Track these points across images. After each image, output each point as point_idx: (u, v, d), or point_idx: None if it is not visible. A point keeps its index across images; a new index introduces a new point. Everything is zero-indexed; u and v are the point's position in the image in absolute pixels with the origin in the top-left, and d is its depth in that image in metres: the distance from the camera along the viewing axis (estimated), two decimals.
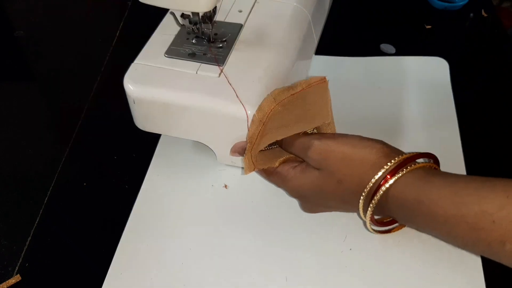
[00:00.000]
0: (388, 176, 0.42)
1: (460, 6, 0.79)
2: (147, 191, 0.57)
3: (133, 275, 0.50)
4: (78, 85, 0.72)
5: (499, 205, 0.37)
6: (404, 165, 0.42)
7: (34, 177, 0.60)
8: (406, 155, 0.43)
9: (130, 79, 0.55)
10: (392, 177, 0.42)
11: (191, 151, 0.61)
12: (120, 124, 0.64)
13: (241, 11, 0.62)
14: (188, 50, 0.57)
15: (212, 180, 0.58)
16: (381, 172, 0.43)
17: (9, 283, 0.50)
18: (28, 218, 0.56)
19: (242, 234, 0.53)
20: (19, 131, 0.66)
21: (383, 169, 0.43)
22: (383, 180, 0.42)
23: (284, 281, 0.49)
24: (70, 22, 0.83)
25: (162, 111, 0.55)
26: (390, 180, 0.42)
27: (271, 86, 0.54)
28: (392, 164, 0.42)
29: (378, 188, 0.43)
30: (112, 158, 0.61)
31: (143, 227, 0.54)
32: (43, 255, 0.53)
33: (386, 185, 0.42)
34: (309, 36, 0.65)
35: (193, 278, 0.50)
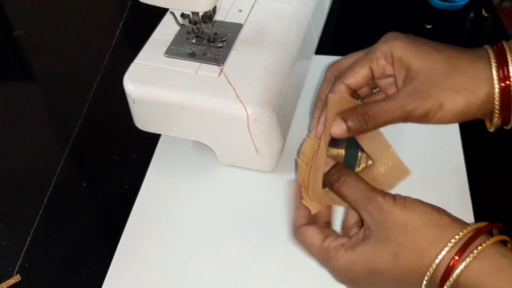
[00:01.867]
0: (456, 257, 0.35)
1: (461, 6, 0.79)
2: (147, 191, 0.57)
3: (133, 275, 0.50)
4: (78, 85, 0.72)
5: None
6: (473, 240, 0.35)
7: (34, 177, 0.60)
8: (473, 227, 0.36)
9: (130, 79, 0.55)
10: (461, 259, 0.35)
11: (191, 151, 0.61)
12: (120, 124, 0.64)
13: (241, 10, 0.62)
14: (188, 49, 0.57)
15: (212, 180, 0.58)
16: (446, 249, 0.36)
17: (9, 283, 0.50)
18: (28, 218, 0.56)
19: (242, 234, 0.53)
20: (19, 131, 0.66)
21: (450, 243, 0.36)
22: (451, 261, 0.35)
23: (284, 281, 0.49)
24: (70, 22, 0.83)
25: (162, 111, 0.55)
26: (461, 264, 0.35)
27: (271, 86, 0.54)
28: (459, 238, 0.36)
29: (446, 273, 0.35)
30: (112, 158, 0.61)
31: (143, 227, 0.54)
32: (43, 255, 0.53)
33: (457, 270, 0.35)
34: (309, 36, 0.65)
35: (193, 278, 0.50)
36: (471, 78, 0.40)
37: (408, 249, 0.37)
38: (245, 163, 0.57)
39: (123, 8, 0.84)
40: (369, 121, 0.41)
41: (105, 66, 0.73)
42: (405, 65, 0.41)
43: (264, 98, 0.52)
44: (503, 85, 0.39)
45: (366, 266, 0.39)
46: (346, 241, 0.41)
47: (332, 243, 0.41)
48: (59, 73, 0.75)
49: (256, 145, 0.54)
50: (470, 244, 0.35)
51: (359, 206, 0.40)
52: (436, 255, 0.36)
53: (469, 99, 0.40)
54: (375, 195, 0.39)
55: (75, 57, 0.77)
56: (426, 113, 0.40)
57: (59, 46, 0.79)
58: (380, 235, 0.38)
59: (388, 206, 0.38)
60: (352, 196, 0.40)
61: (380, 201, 0.38)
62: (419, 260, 0.37)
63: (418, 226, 0.37)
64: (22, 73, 0.78)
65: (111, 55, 0.75)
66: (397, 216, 0.38)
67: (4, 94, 0.73)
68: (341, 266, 0.40)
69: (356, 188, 0.40)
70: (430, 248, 0.36)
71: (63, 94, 0.72)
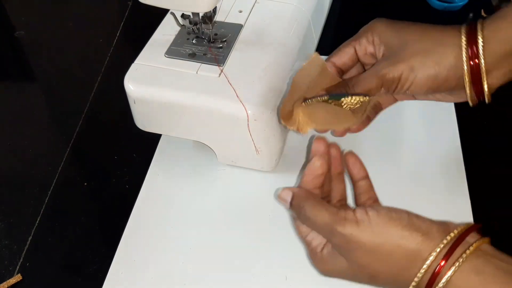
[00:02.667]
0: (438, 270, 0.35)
1: (460, 6, 0.79)
2: (147, 191, 0.57)
3: (133, 275, 0.50)
4: (78, 85, 0.72)
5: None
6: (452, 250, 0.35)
7: (35, 177, 0.60)
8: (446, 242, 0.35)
9: (130, 79, 0.55)
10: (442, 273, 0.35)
11: (191, 151, 0.61)
12: (121, 124, 0.65)
13: (241, 11, 0.62)
14: (188, 50, 0.57)
15: (212, 180, 0.58)
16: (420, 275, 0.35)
17: (10, 283, 0.50)
18: (29, 217, 0.56)
19: (242, 234, 0.53)
20: (20, 131, 0.66)
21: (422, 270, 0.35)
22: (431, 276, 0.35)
23: (284, 280, 0.49)
24: (71, 22, 0.83)
25: (162, 111, 0.55)
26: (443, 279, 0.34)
27: (271, 86, 0.54)
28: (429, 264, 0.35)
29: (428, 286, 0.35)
30: (113, 158, 0.61)
31: (143, 227, 0.54)
32: (43, 254, 0.53)
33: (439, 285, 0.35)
34: (309, 36, 0.65)
35: (193, 277, 0.50)
36: (440, 42, 0.43)
37: (384, 273, 0.37)
38: (245, 163, 0.57)
39: (123, 8, 0.84)
40: (349, 90, 0.46)
41: (106, 66, 0.74)
42: (384, 41, 0.46)
43: (264, 98, 0.52)
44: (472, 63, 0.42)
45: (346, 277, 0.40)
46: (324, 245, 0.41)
47: (313, 241, 0.42)
48: (60, 73, 0.75)
49: (256, 145, 0.54)
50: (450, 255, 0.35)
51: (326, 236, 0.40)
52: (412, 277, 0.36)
53: (438, 61, 0.42)
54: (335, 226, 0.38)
55: (76, 58, 0.77)
56: (399, 77, 0.43)
57: (60, 46, 0.79)
58: (352, 261, 0.38)
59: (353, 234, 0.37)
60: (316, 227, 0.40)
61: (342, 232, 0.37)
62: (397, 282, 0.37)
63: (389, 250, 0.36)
64: (23, 74, 0.78)
65: (112, 56, 0.75)
66: (365, 244, 0.37)
67: (5, 94, 0.73)
68: (324, 270, 0.41)
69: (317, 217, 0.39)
70: (405, 271, 0.36)
71: (64, 94, 0.72)
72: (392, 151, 0.59)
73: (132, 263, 0.51)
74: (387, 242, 0.36)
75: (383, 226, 0.37)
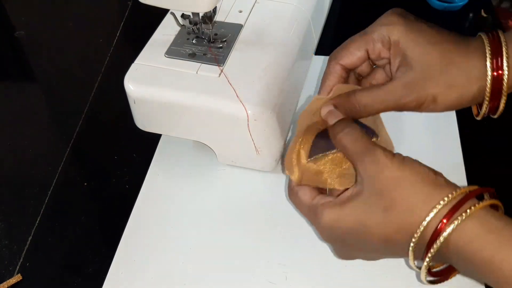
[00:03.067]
0: (444, 221, 0.34)
1: (460, 6, 0.79)
2: (147, 191, 0.57)
3: (133, 275, 0.50)
4: (78, 85, 0.72)
5: None
6: (464, 202, 0.35)
7: (35, 177, 0.60)
8: (465, 189, 0.36)
9: (130, 79, 0.55)
10: (450, 221, 0.34)
11: (191, 151, 0.61)
12: (121, 124, 0.65)
13: (241, 11, 0.62)
14: (188, 50, 0.57)
15: (212, 180, 0.58)
16: (437, 209, 0.35)
17: (10, 283, 0.50)
18: (29, 217, 0.56)
19: (242, 234, 0.53)
20: (20, 131, 0.66)
21: (441, 202, 0.35)
22: (440, 224, 0.34)
23: (284, 280, 0.49)
24: (71, 22, 0.83)
25: (162, 111, 0.55)
26: (450, 226, 0.34)
27: (271, 86, 0.54)
28: (451, 198, 0.35)
29: (435, 234, 0.35)
30: (113, 158, 0.61)
31: (143, 227, 0.54)
32: (43, 254, 0.53)
33: (445, 233, 0.34)
34: (309, 36, 0.65)
35: (193, 277, 0.50)
36: (466, 73, 0.41)
37: (400, 204, 0.36)
38: (245, 163, 0.57)
39: (123, 8, 0.84)
40: (361, 112, 0.42)
41: (106, 66, 0.74)
42: (402, 52, 0.41)
43: (264, 98, 0.52)
44: (495, 74, 0.40)
45: (355, 221, 0.38)
46: (334, 198, 0.40)
47: (320, 200, 0.40)
48: (60, 73, 0.75)
49: (256, 145, 0.54)
50: (461, 205, 0.35)
51: (356, 158, 0.39)
52: (426, 213, 0.35)
53: (462, 94, 0.41)
54: (375, 148, 0.38)
55: (76, 58, 0.77)
56: (420, 105, 0.41)
57: (60, 46, 0.79)
58: (373, 188, 0.37)
59: (386, 159, 0.37)
60: (352, 147, 0.40)
61: (378, 153, 0.38)
62: (410, 217, 0.36)
63: (412, 182, 0.36)
64: (23, 74, 0.78)
65: (112, 56, 0.75)
66: (392, 170, 0.37)
67: (5, 94, 0.73)
68: (327, 221, 0.39)
69: (358, 140, 0.40)
70: (422, 205, 0.35)
71: (64, 94, 0.72)
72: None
73: (132, 263, 0.51)
74: (413, 175, 0.37)
75: (413, 162, 0.38)
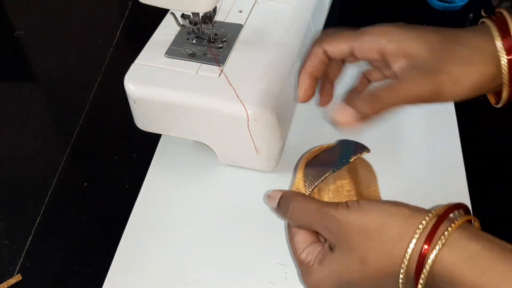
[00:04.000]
0: (425, 247, 0.33)
1: (460, 6, 0.79)
2: (147, 191, 0.57)
3: (133, 275, 0.50)
4: (78, 85, 0.72)
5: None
6: (438, 225, 0.34)
7: (35, 177, 0.60)
8: (435, 212, 0.35)
9: (130, 79, 0.55)
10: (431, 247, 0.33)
11: (191, 151, 0.61)
12: (121, 124, 0.65)
13: (241, 11, 0.62)
14: (188, 50, 0.57)
15: (212, 180, 0.58)
16: (414, 241, 0.34)
17: (10, 283, 0.50)
18: (29, 217, 0.56)
19: (242, 234, 0.53)
20: (20, 131, 0.66)
21: (416, 235, 0.34)
22: (421, 252, 0.33)
23: (284, 280, 0.49)
24: (71, 22, 0.83)
25: (162, 111, 0.55)
26: (432, 254, 0.33)
27: (271, 86, 0.54)
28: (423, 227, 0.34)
29: (419, 265, 0.33)
30: (113, 158, 0.61)
31: (143, 227, 0.54)
32: (44, 254, 0.53)
33: (429, 260, 0.33)
34: (309, 36, 0.65)
35: (193, 277, 0.50)
36: (479, 51, 0.38)
37: (374, 252, 0.35)
38: (245, 163, 0.57)
39: (123, 8, 0.84)
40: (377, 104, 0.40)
41: (106, 67, 0.74)
42: (403, 54, 0.39)
43: (264, 98, 0.52)
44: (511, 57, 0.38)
45: (336, 281, 0.37)
46: (317, 253, 0.39)
47: (307, 257, 0.40)
48: (60, 73, 0.75)
49: (256, 145, 0.54)
50: (436, 230, 0.33)
51: (315, 227, 0.39)
52: (405, 249, 0.34)
53: (482, 72, 0.38)
54: (327, 210, 0.37)
55: (76, 58, 0.77)
56: (441, 91, 0.38)
57: (60, 46, 0.79)
58: (342, 246, 0.37)
59: (343, 216, 0.36)
60: (305, 219, 0.39)
61: (333, 214, 0.37)
62: (389, 260, 0.35)
63: (379, 226, 0.35)
64: (23, 74, 0.78)
65: (112, 56, 0.75)
66: (355, 223, 0.36)
67: (5, 94, 0.73)
68: (312, 283, 0.39)
69: (306, 210, 0.39)
70: (397, 245, 0.34)
71: (64, 94, 0.72)
72: (392, 151, 0.59)
73: (132, 263, 0.51)
74: (375, 219, 0.35)
75: (371, 205, 0.36)
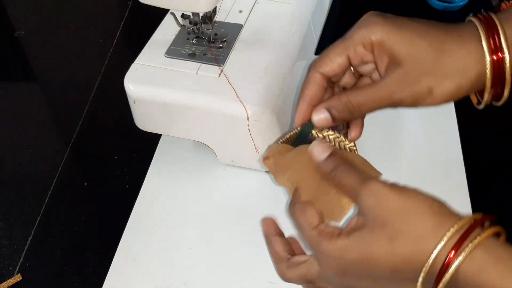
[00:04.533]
0: (453, 251, 0.33)
1: (460, 6, 0.79)
2: (147, 191, 0.57)
3: (133, 275, 0.50)
4: (78, 85, 0.72)
5: None
6: (471, 231, 0.33)
7: (35, 177, 0.60)
8: (468, 219, 0.34)
9: (130, 79, 0.55)
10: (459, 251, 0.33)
11: (191, 151, 0.61)
12: (121, 124, 0.65)
13: (241, 11, 0.62)
14: (188, 50, 0.57)
15: (212, 180, 0.58)
16: (445, 238, 0.33)
17: (10, 283, 0.50)
18: (29, 217, 0.56)
19: (243, 234, 0.53)
20: (20, 131, 0.66)
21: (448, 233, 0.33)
22: (449, 254, 0.33)
23: None
24: (71, 22, 0.83)
25: (162, 111, 0.55)
26: (459, 257, 0.33)
27: (271, 86, 0.54)
28: (457, 228, 0.33)
29: (445, 265, 0.33)
30: (113, 158, 0.61)
31: (143, 227, 0.54)
32: (43, 254, 0.53)
33: (454, 264, 0.33)
34: (309, 36, 0.65)
35: (193, 277, 0.50)
36: (461, 60, 0.38)
37: (405, 234, 0.34)
38: (245, 163, 0.57)
39: (123, 8, 0.84)
40: (354, 111, 0.40)
41: (106, 66, 0.74)
42: (388, 51, 0.39)
43: (264, 98, 0.52)
44: (495, 57, 0.38)
45: (360, 252, 0.36)
46: (341, 229, 0.38)
47: (327, 228, 0.38)
48: (60, 73, 0.75)
49: (256, 145, 0.54)
50: (469, 234, 0.33)
51: (354, 193, 0.37)
52: (435, 244, 0.33)
53: (459, 82, 0.38)
54: (369, 180, 0.37)
55: (76, 58, 0.77)
56: (416, 100, 0.39)
57: (60, 46, 0.79)
58: (375, 220, 0.36)
59: (384, 190, 0.36)
60: (347, 183, 0.38)
61: (374, 184, 0.36)
62: (417, 247, 0.34)
63: (417, 211, 0.35)
64: (23, 73, 0.78)
65: (112, 56, 0.75)
66: (393, 201, 0.35)
67: (5, 94, 0.73)
68: (333, 251, 0.37)
69: (351, 175, 0.38)
70: (429, 235, 0.34)
71: (64, 94, 0.72)
72: (392, 151, 0.59)
73: (132, 263, 0.51)
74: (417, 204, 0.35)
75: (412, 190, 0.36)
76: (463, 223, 0.34)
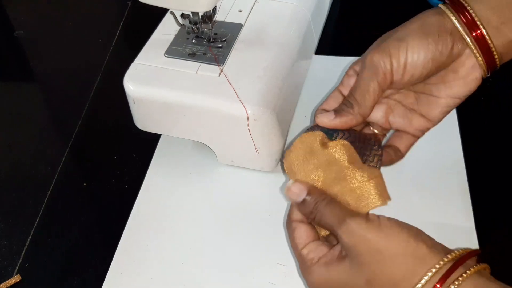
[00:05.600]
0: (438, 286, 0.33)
1: None
2: (147, 191, 0.57)
3: (133, 275, 0.50)
4: (78, 85, 0.72)
5: None
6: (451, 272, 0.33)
7: (34, 177, 0.60)
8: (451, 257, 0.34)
9: (130, 79, 0.55)
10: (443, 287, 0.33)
11: (191, 151, 0.61)
12: (120, 124, 0.65)
13: (241, 11, 0.62)
14: (188, 50, 0.57)
15: (212, 180, 0.58)
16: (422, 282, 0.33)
17: (9, 283, 0.50)
18: (28, 218, 0.56)
19: (242, 234, 0.53)
20: (19, 131, 0.66)
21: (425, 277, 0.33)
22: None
23: (284, 280, 0.49)
24: (70, 22, 0.83)
25: (162, 111, 0.55)
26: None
27: (271, 86, 0.54)
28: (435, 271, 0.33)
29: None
30: (112, 158, 0.61)
31: (143, 227, 0.54)
32: (43, 255, 0.53)
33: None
34: (309, 36, 0.65)
35: (192, 277, 0.50)
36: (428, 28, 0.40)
37: (382, 278, 0.35)
38: (245, 163, 0.57)
39: (123, 8, 0.84)
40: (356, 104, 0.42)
41: (105, 66, 0.73)
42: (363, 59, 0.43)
43: (264, 98, 0.52)
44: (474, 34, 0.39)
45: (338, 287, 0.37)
46: (324, 254, 0.39)
47: (309, 254, 0.39)
48: (59, 73, 0.75)
49: (256, 145, 0.54)
50: (450, 274, 0.33)
51: (334, 232, 0.38)
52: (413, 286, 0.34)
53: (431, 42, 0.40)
54: (348, 219, 0.37)
55: (75, 57, 0.77)
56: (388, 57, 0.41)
57: (59, 46, 0.79)
58: (353, 259, 0.36)
59: (361, 231, 0.36)
60: (326, 222, 0.39)
61: (351, 224, 0.36)
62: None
63: (392, 254, 0.35)
64: (22, 73, 0.78)
65: (111, 55, 0.75)
66: (370, 242, 0.35)
67: (4, 94, 0.73)
68: (314, 281, 0.38)
69: (330, 214, 0.38)
70: (405, 281, 0.34)
71: (63, 94, 0.72)
72: None
73: (132, 263, 0.51)
74: (392, 245, 0.35)
75: (391, 228, 0.36)
76: (444, 263, 0.34)
